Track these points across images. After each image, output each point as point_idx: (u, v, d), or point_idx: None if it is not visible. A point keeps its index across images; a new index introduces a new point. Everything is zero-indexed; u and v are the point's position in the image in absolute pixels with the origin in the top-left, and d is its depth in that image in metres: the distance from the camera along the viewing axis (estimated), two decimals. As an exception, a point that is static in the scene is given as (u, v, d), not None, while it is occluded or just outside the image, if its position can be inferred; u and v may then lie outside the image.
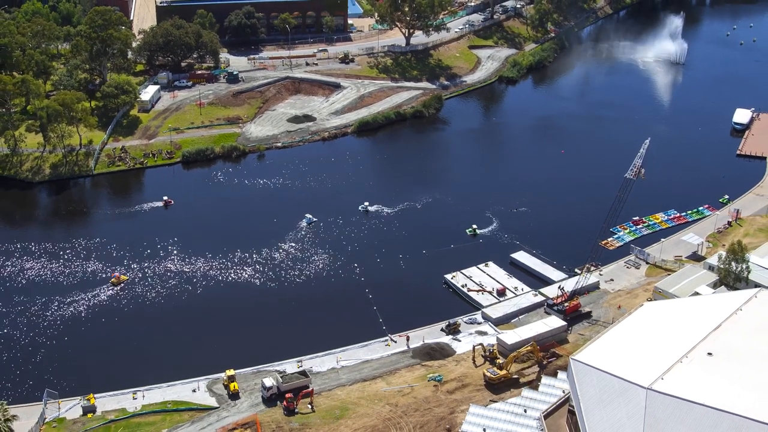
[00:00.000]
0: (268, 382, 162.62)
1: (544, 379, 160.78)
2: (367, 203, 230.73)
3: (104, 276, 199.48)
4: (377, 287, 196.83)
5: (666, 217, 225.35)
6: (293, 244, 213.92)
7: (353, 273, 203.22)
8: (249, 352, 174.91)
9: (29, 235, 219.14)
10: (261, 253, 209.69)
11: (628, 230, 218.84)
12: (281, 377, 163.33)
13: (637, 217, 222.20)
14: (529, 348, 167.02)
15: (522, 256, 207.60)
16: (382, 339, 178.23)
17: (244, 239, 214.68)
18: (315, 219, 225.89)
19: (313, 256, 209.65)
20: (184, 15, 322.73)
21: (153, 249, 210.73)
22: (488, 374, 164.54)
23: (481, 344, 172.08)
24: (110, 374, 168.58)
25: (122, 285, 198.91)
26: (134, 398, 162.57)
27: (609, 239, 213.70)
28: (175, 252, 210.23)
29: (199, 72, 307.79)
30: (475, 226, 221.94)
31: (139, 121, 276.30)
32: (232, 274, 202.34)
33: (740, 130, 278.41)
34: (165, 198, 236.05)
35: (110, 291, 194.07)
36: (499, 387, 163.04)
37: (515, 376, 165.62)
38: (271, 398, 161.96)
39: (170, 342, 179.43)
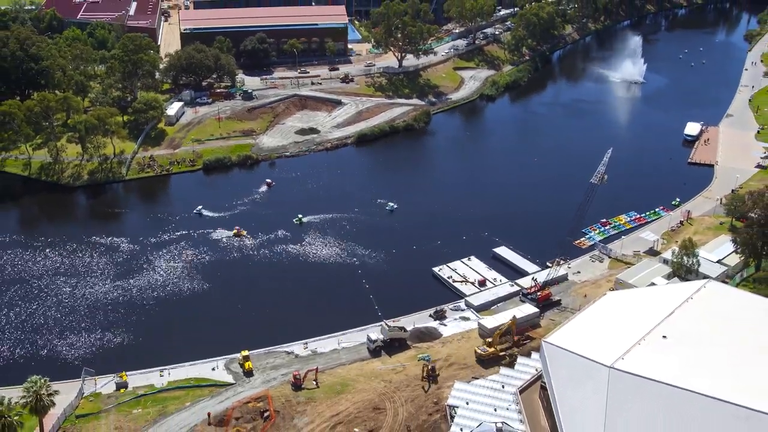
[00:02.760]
0: (373, 335, 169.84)
1: (520, 359, 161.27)
2: (300, 215, 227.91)
3: (145, 264, 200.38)
4: (373, 278, 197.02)
5: (629, 218, 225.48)
6: (298, 240, 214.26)
7: (352, 265, 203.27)
8: (261, 334, 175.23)
9: (67, 231, 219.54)
10: (271, 249, 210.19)
11: (597, 231, 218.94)
12: (388, 328, 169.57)
13: (604, 219, 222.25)
14: (509, 323, 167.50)
15: (503, 251, 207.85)
16: (377, 324, 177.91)
17: (260, 235, 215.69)
18: (396, 206, 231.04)
19: (316, 250, 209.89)
20: (205, 40, 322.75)
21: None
22: (479, 351, 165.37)
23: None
24: (140, 354, 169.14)
25: (242, 237, 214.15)
26: (161, 375, 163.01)
27: (581, 239, 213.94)
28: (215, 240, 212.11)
29: (218, 90, 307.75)
30: (300, 215, 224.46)
31: (165, 133, 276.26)
32: (249, 265, 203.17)
33: (691, 141, 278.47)
34: (268, 180, 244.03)
35: (140, 281, 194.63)
36: (488, 362, 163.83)
37: (502, 353, 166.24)
38: (376, 350, 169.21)
39: (191, 325, 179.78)
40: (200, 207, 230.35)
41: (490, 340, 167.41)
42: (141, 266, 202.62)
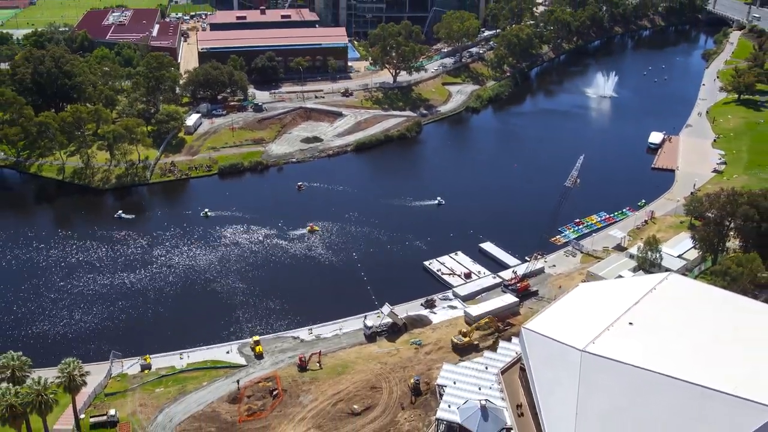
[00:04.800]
0: (369, 322, 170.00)
1: (502, 343, 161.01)
2: (207, 209, 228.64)
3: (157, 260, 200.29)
4: (370, 270, 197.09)
5: (599, 218, 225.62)
6: (303, 237, 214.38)
7: (351, 259, 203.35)
8: (270, 321, 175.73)
9: (97, 228, 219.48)
10: (282, 245, 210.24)
11: (572, 230, 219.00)
12: (390, 309, 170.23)
13: (578, 219, 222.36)
14: (487, 319, 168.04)
15: (488, 246, 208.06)
16: (374, 312, 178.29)
17: (272, 235, 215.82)
18: (443, 202, 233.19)
19: (318, 246, 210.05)
20: (220, 59, 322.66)
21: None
22: (455, 340, 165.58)
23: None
24: (162, 339, 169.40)
25: (316, 233, 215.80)
26: (181, 358, 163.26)
27: (557, 237, 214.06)
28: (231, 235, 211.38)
29: (232, 103, 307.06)
30: (207, 210, 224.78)
31: (184, 141, 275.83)
32: (259, 260, 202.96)
33: (654, 149, 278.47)
34: (299, 183, 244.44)
35: (155, 272, 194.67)
36: (463, 350, 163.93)
37: (476, 342, 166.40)
38: (372, 336, 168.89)
39: (208, 313, 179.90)
40: (120, 212, 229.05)
41: (465, 330, 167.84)
42: (163, 260, 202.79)
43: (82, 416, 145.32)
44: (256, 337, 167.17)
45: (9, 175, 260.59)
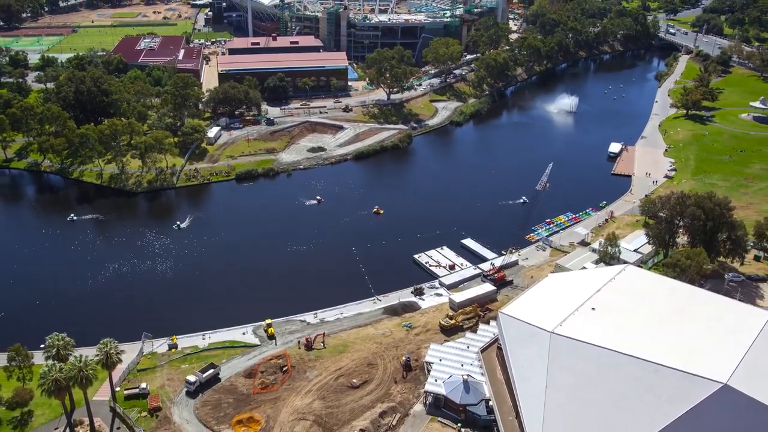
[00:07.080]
0: (192, 378, 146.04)
1: (481, 326, 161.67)
2: (178, 222, 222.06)
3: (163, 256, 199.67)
4: (367, 263, 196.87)
5: (567, 218, 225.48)
6: (306, 236, 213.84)
7: (351, 253, 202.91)
8: (280, 307, 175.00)
9: (131, 226, 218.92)
10: (291, 242, 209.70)
11: (544, 228, 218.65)
12: (201, 372, 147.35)
13: (549, 219, 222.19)
14: (472, 307, 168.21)
15: (469, 242, 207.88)
16: (371, 298, 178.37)
17: (282, 232, 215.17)
18: (527, 201, 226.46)
19: (321, 242, 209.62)
20: (237, 79, 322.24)
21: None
22: (442, 322, 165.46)
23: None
24: (187, 322, 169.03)
25: (381, 215, 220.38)
26: (203, 339, 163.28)
27: (531, 234, 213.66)
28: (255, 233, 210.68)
29: (247, 118, 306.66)
30: (179, 222, 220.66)
31: (206, 151, 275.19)
32: (273, 254, 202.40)
33: (613, 157, 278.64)
34: (318, 197, 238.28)
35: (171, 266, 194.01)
36: (450, 332, 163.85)
37: (461, 324, 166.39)
38: (195, 391, 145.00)
39: (227, 299, 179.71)
40: (72, 215, 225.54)
41: (452, 314, 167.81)
42: (187, 253, 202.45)
43: (118, 389, 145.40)
44: (269, 320, 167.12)
45: (54, 180, 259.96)
